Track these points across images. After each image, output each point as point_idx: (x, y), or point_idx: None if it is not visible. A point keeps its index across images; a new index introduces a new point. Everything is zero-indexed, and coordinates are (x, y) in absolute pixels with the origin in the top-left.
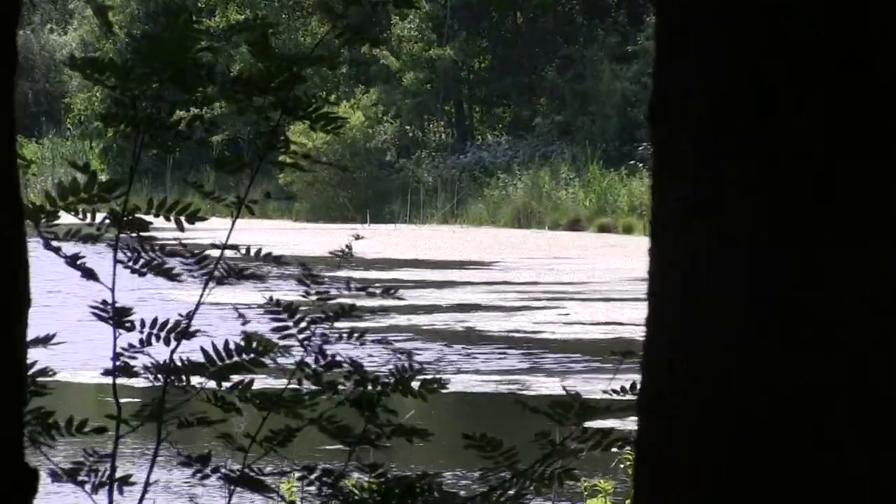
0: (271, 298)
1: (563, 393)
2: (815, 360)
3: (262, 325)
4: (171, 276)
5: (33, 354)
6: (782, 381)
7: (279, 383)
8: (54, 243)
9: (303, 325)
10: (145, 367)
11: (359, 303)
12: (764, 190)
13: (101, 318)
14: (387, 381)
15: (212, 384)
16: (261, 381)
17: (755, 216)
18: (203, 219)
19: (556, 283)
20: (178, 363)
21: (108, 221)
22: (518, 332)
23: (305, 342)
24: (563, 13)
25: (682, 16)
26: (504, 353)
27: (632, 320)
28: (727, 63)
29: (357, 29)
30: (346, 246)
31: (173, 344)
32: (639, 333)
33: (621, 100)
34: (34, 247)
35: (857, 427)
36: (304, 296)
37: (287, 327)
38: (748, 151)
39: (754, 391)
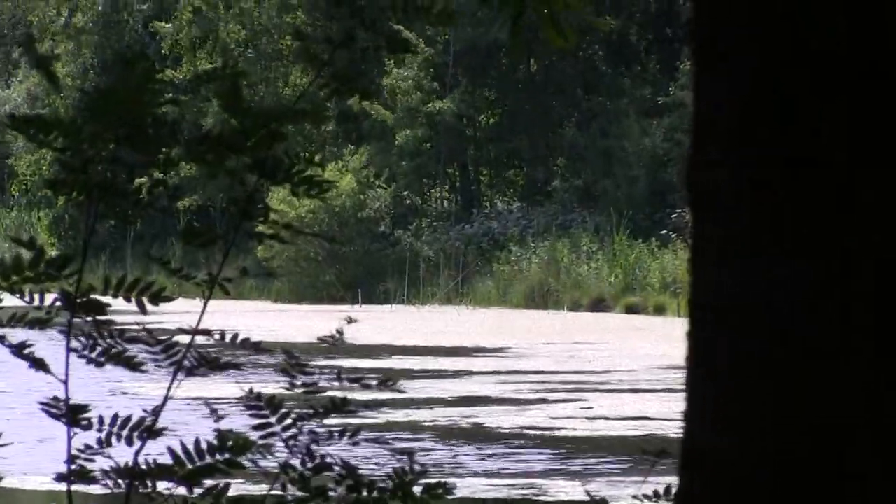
0: (251, 391)
1: (587, 498)
2: (834, 369)
3: (240, 422)
4: (133, 365)
5: None
6: (804, 395)
7: (260, 489)
8: None
9: (287, 421)
10: (105, 472)
11: (351, 396)
12: (786, 199)
13: (52, 416)
14: (384, 485)
15: (182, 490)
16: (238, 487)
17: (777, 225)
18: (169, 299)
19: (576, 371)
20: (143, 466)
21: (59, 304)
22: (533, 428)
23: (290, 441)
24: (584, 60)
25: (713, 28)
26: (518, 453)
27: (664, 414)
28: (750, 74)
29: (344, 78)
30: (337, 331)
31: (137, 444)
32: (672, 429)
33: (651, 160)
34: None
35: (879, 457)
36: (288, 388)
37: (269, 424)
38: (770, 161)
39: (778, 415)
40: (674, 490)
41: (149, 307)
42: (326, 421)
